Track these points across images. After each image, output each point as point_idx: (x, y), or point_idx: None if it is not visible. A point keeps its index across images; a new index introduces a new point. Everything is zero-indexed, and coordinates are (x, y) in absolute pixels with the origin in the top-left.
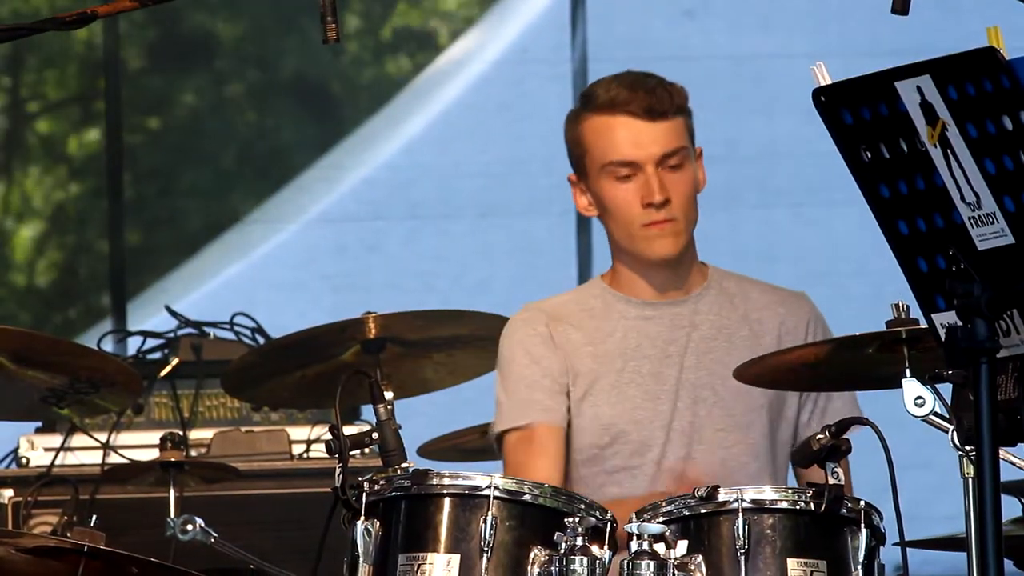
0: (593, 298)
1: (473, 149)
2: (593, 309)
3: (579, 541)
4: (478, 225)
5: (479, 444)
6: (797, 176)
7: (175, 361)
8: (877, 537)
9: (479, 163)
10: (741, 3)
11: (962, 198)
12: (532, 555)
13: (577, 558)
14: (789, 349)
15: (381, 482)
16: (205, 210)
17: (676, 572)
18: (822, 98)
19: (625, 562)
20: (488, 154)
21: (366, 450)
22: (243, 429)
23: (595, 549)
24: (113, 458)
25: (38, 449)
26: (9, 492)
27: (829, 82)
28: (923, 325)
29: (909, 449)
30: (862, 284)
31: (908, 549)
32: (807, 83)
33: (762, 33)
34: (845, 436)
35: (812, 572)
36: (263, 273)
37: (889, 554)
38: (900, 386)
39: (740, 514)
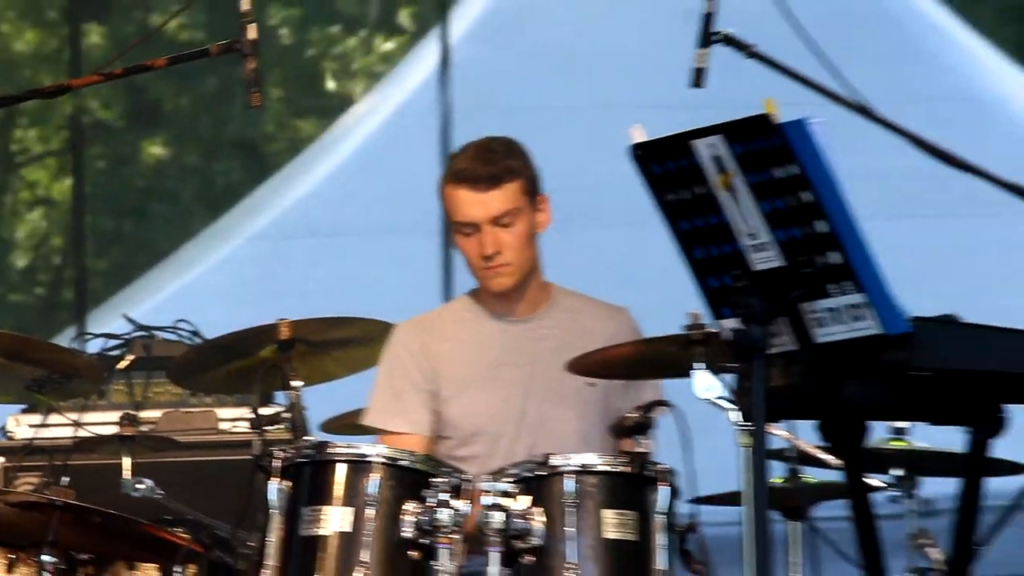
0: (461, 312)
1: (362, 187)
2: (461, 322)
3: (444, 496)
4: (366, 244)
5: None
6: (628, 203)
7: (130, 357)
8: (674, 493)
9: (368, 196)
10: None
11: (744, 231)
12: (408, 507)
13: (442, 510)
14: (614, 346)
15: (291, 451)
16: (149, 240)
17: (520, 520)
18: (638, 152)
19: (481, 513)
20: (374, 189)
21: (279, 426)
22: (183, 410)
23: (456, 503)
24: (82, 433)
25: (23, 426)
26: (1, 459)
27: (643, 140)
28: (713, 329)
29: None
30: (666, 296)
31: (702, 503)
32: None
33: (591, 87)
34: (650, 414)
35: (624, 520)
36: (199, 287)
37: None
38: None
39: (569, 475)
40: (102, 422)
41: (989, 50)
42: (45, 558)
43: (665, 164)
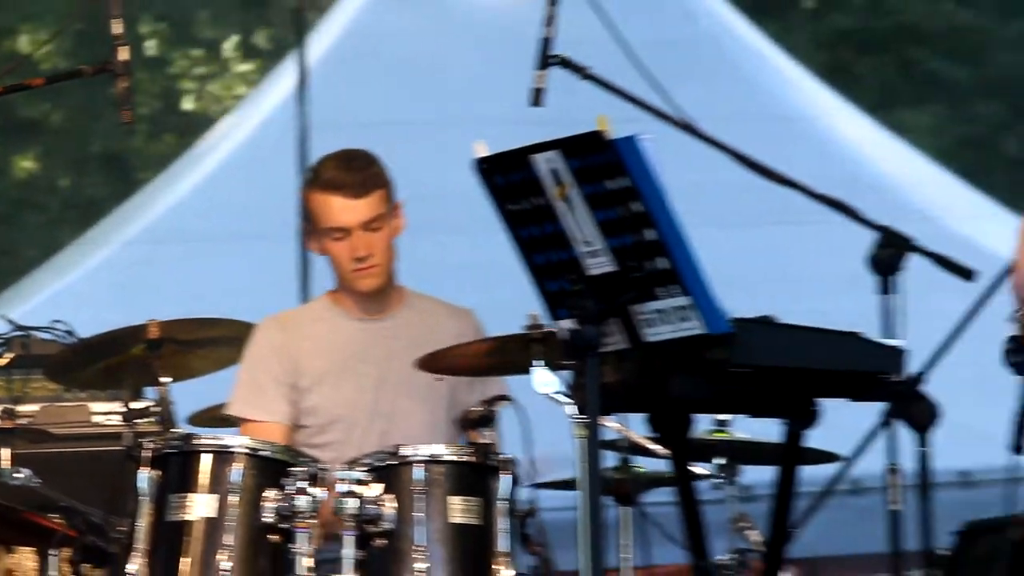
0: (320, 312)
1: (227, 197)
2: (320, 320)
3: (302, 484)
4: (230, 249)
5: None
6: (473, 212)
7: (9, 355)
8: (515, 480)
9: (232, 205)
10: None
11: (579, 239)
12: (268, 494)
13: (300, 497)
14: (460, 345)
15: (159, 442)
16: (20, 248)
17: (372, 506)
18: (482, 166)
19: (336, 499)
20: (238, 199)
21: (149, 419)
22: (58, 404)
23: (313, 490)
24: None
25: None
26: None
27: (486, 154)
28: (551, 329)
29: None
30: (508, 298)
31: (541, 489)
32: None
33: (438, 103)
34: (493, 408)
35: (469, 506)
36: (74, 291)
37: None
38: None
39: (418, 464)
40: None
41: (803, 73)
42: None
43: (507, 176)
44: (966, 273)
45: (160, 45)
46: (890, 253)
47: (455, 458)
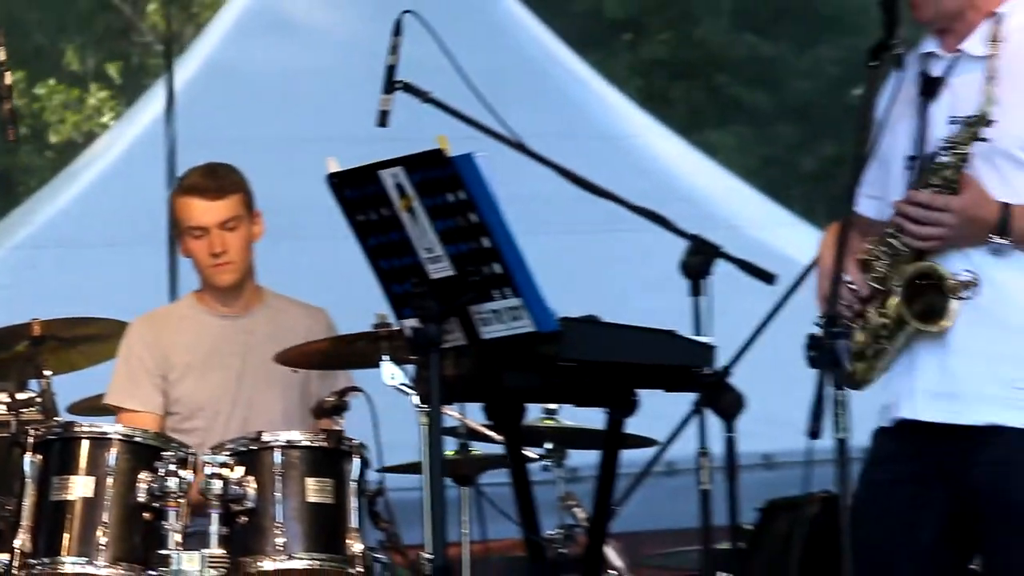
0: (186, 310)
1: (103, 206)
2: (186, 318)
3: (172, 467)
4: (106, 254)
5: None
6: (326, 221)
7: None
8: (365, 463)
9: (107, 214)
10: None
11: (422, 245)
12: (141, 476)
13: (170, 478)
14: (314, 341)
15: (42, 429)
16: None
17: (236, 487)
18: (334, 180)
19: (203, 481)
20: (113, 208)
21: (32, 408)
22: None
23: (183, 472)
24: None
25: None
26: None
27: (338, 169)
28: (397, 328)
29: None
30: (358, 299)
31: (388, 472)
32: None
33: (295, 122)
34: (345, 398)
35: (324, 487)
36: None
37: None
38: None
39: (277, 449)
40: None
41: (622, 98)
42: None
43: (356, 190)
44: (768, 277)
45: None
46: (700, 259)
47: (310, 443)
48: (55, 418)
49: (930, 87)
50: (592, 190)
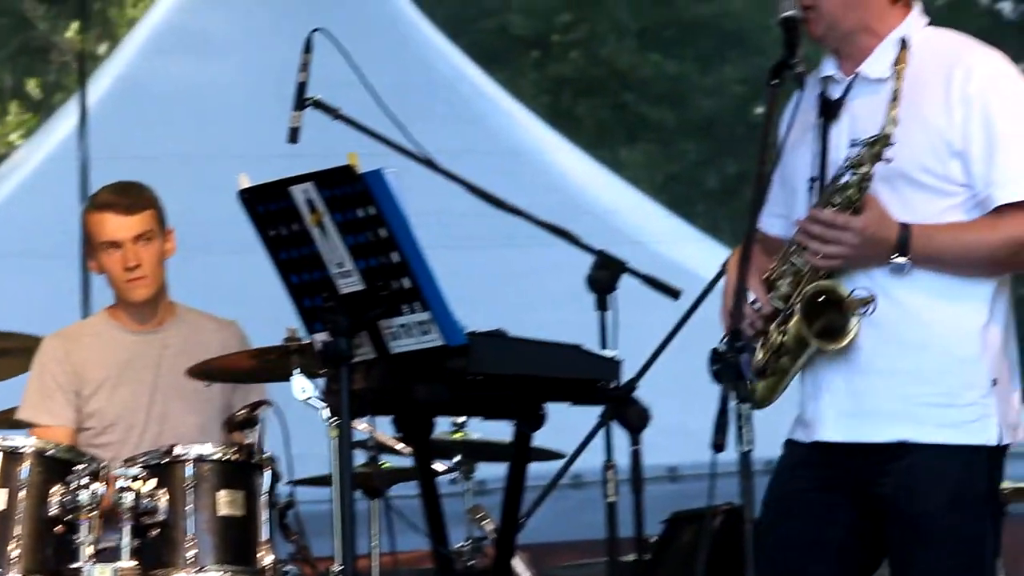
0: (99, 325)
1: (16, 220)
2: (99, 334)
3: (84, 481)
4: (19, 268)
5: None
6: (238, 236)
7: None
8: (275, 476)
9: (19, 231)
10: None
11: (332, 260)
12: (54, 489)
13: (82, 492)
14: (227, 355)
15: None
16: None
17: (147, 500)
18: (245, 196)
19: (115, 494)
20: (26, 222)
21: None
22: None
23: (94, 486)
24: None
25: None
26: None
27: (249, 185)
28: (308, 341)
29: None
30: (270, 313)
31: (298, 484)
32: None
33: (207, 139)
34: (256, 412)
35: (234, 499)
36: None
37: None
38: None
39: (189, 462)
40: None
41: (529, 115)
42: None
43: (267, 205)
44: (673, 292)
45: None
46: (606, 274)
47: (222, 456)
48: None
49: (829, 109)
50: (500, 206)
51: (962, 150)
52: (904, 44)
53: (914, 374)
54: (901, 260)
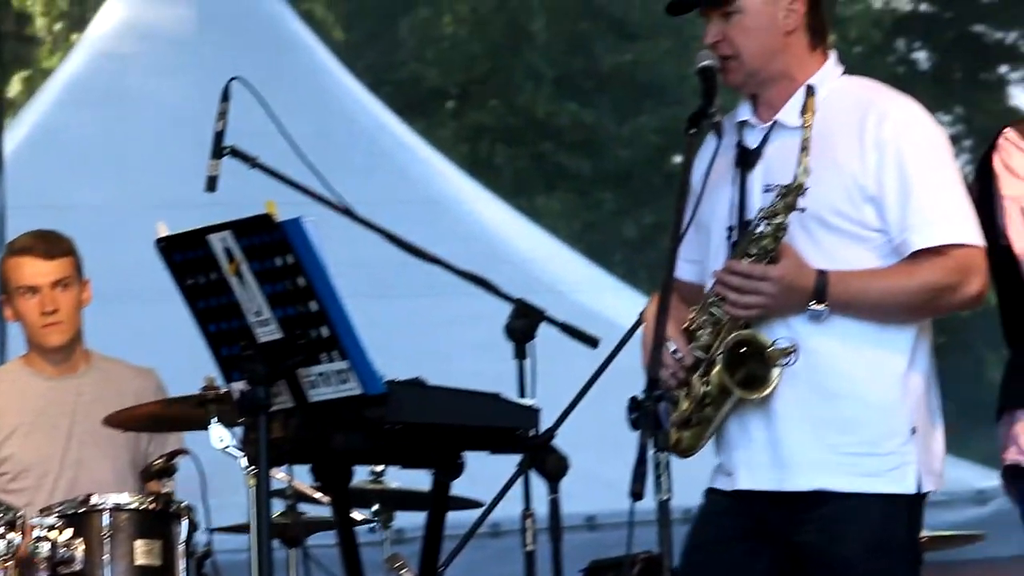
0: (15, 372)
1: None
2: (14, 380)
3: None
4: None
5: None
6: (156, 284)
7: None
8: (193, 525)
9: None
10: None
11: (250, 309)
12: None
13: None
14: (144, 404)
15: None
16: None
17: (64, 549)
18: (162, 244)
19: (31, 543)
20: None
21: None
22: None
23: (10, 535)
24: None
25: None
26: None
27: (167, 234)
28: (226, 390)
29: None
30: (187, 362)
31: (216, 533)
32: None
33: (125, 189)
34: (173, 461)
35: (151, 548)
36: None
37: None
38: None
39: (105, 511)
40: None
41: (448, 164)
42: None
43: (185, 254)
44: (591, 341)
45: None
46: (524, 323)
47: (139, 506)
48: None
49: (746, 158)
50: (418, 255)
51: (876, 195)
52: (811, 91)
53: (833, 423)
54: (819, 307)
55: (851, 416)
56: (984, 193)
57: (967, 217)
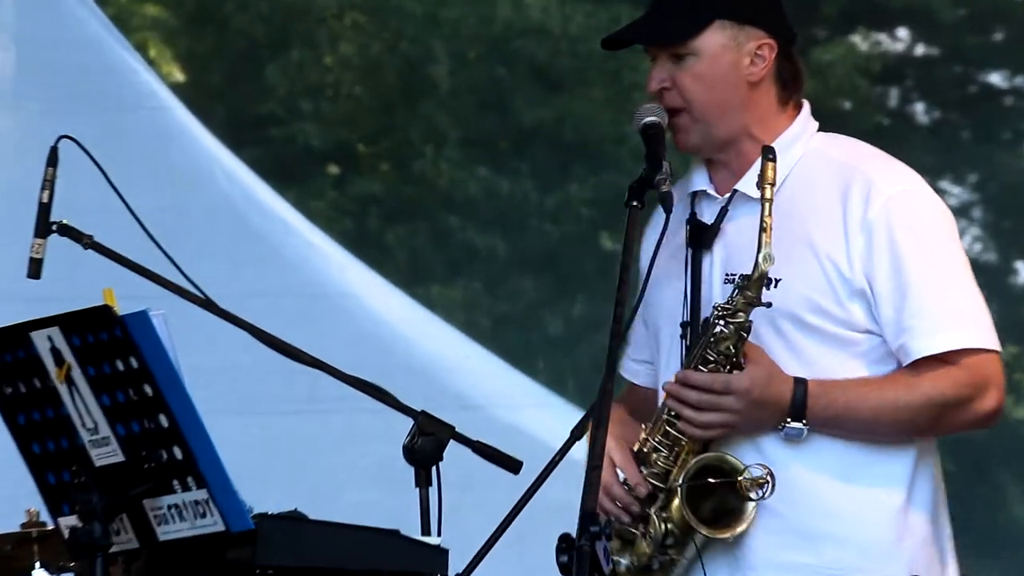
0: None
1: None
2: None
3: None
4: None
5: None
6: None
7: None
8: None
9: None
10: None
11: (84, 425)
12: None
13: None
14: None
15: None
16: None
17: None
18: None
19: None
20: None
21: None
22: None
23: None
24: None
25: None
26: None
27: None
28: (52, 527)
29: None
30: (4, 492)
31: None
32: None
33: None
34: None
35: None
36: None
37: None
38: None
39: None
40: None
41: (331, 244)
42: None
43: (1, 356)
44: (512, 464)
45: None
46: (428, 442)
47: None
48: None
49: (700, 236)
50: (298, 358)
51: (865, 290)
52: (769, 155)
53: (812, 569)
54: (796, 426)
55: (835, 562)
56: None
57: (979, 315)
